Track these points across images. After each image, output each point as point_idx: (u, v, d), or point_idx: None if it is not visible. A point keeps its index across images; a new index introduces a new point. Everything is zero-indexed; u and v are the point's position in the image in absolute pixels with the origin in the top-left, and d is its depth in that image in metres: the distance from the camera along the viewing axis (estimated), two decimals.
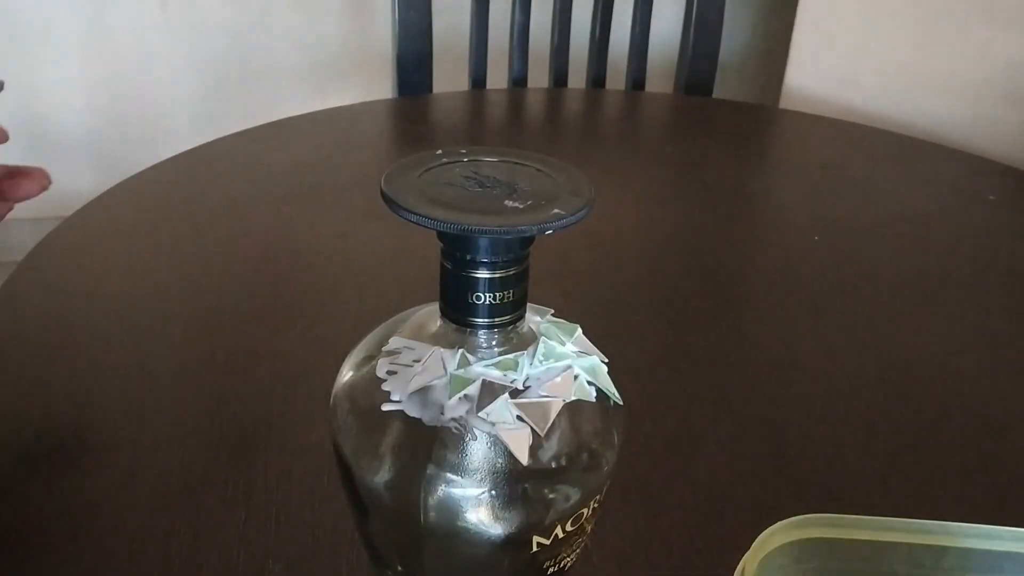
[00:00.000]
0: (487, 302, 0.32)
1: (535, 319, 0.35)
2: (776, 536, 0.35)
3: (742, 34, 1.71)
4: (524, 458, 0.32)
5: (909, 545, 0.36)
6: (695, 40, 1.18)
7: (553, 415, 0.32)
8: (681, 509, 0.49)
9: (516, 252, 0.32)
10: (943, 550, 0.36)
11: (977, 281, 0.75)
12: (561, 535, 0.34)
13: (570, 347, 0.34)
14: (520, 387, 0.32)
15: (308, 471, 0.50)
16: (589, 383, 0.34)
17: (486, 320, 0.33)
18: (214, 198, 0.82)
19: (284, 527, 0.46)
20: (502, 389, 0.32)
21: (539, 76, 1.22)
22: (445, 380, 0.32)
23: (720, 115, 1.14)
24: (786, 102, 1.28)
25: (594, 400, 0.34)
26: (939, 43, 1.13)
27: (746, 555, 0.33)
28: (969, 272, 0.77)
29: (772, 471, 0.52)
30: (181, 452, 0.51)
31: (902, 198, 0.90)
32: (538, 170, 0.34)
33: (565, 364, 0.33)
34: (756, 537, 0.34)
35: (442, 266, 0.33)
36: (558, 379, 0.33)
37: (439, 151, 0.35)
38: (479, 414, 0.32)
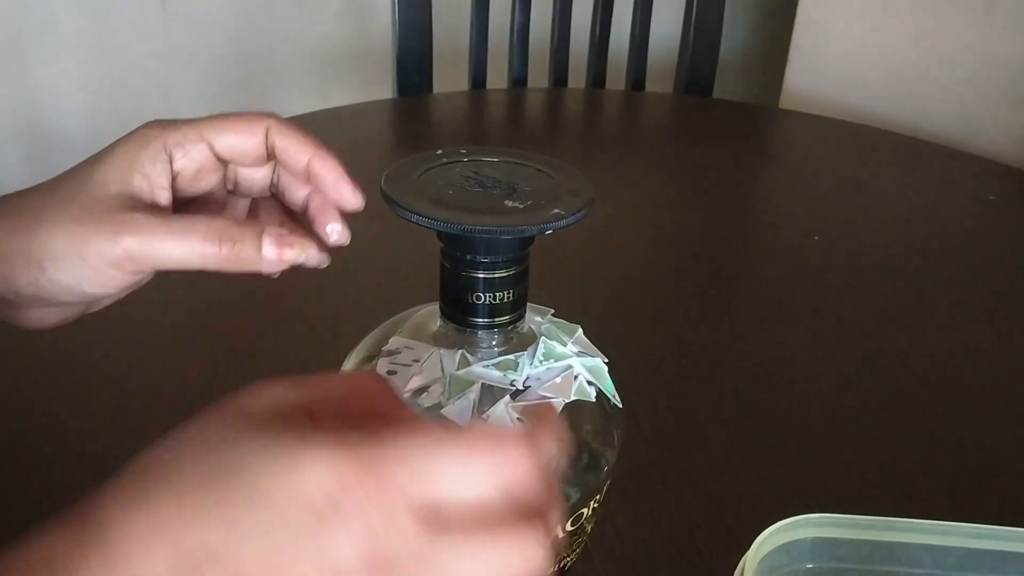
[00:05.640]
0: (487, 302, 0.32)
1: (536, 319, 0.35)
2: (776, 536, 0.35)
3: (742, 34, 1.71)
4: None
5: (909, 545, 0.36)
6: (695, 40, 1.18)
7: None
8: (681, 509, 0.49)
9: (515, 252, 0.32)
10: (943, 550, 0.36)
11: (977, 281, 0.75)
12: (560, 535, 0.34)
13: (571, 347, 0.34)
14: (520, 387, 0.32)
15: None
16: (589, 383, 0.34)
17: (486, 320, 0.33)
18: None
19: None
20: (502, 392, 0.32)
21: (539, 76, 1.22)
22: (445, 381, 0.32)
23: (720, 115, 1.14)
24: (786, 102, 1.28)
25: (594, 400, 0.34)
26: (939, 43, 1.13)
27: (746, 554, 0.33)
28: (969, 272, 0.76)
29: (772, 471, 0.52)
30: None
31: (902, 198, 0.90)
32: (538, 170, 0.34)
33: (565, 364, 0.33)
34: (756, 537, 0.34)
35: (442, 266, 0.33)
36: (558, 379, 0.33)
37: (439, 151, 0.35)
38: (479, 417, 0.32)
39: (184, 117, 0.38)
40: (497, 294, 0.32)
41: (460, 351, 0.33)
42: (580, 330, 0.36)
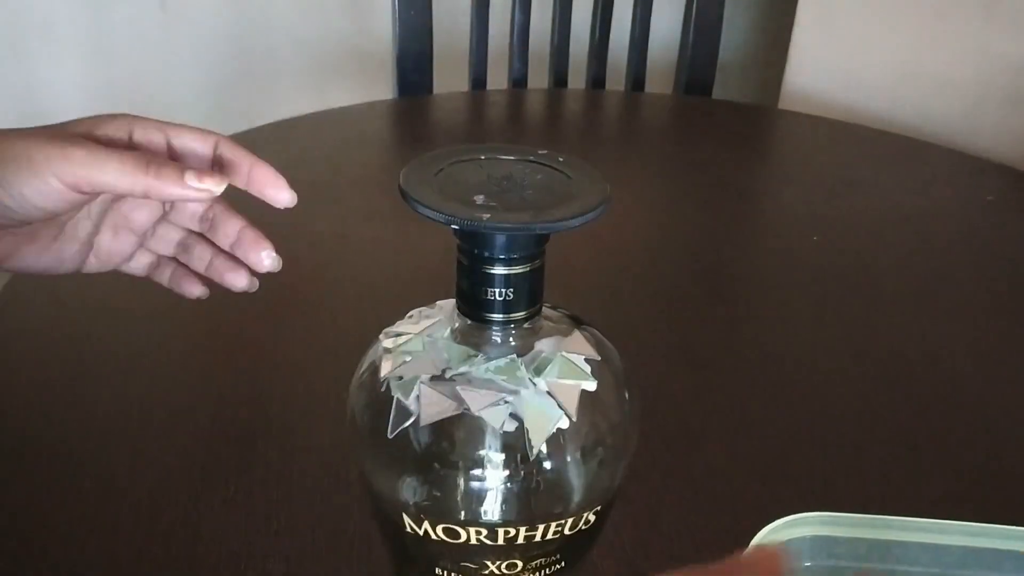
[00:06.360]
0: (491, 298, 0.32)
1: (556, 344, 0.34)
2: (774, 534, 0.35)
3: (741, 34, 1.71)
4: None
5: (907, 543, 0.36)
6: (695, 40, 1.18)
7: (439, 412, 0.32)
8: (680, 507, 0.49)
9: (524, 250, 0.32)
10: (941, 548, 0.36)
11: (976, 281, 0.75)
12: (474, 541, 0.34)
13: (540, 382, 0.33)
14: (447, 376, 0.33)
15: (308, 471, 0.50)
16: (512, 418, 0.32)
17: (495, 315, 0.33)
18: None
19: (284, 527, 0.46)
20: (430, 368, 0.33)
21: (539, 77, 1.22)
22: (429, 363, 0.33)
23: (720, 115, 1.15)
24: (785, 102, 1.28)
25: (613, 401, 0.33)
26: (939, 44, 1.13)
27: (744, 553, 0.33)
28: (968, 272, 0.77)
29: (771, 470, 0.52)
30: (182, 452, 0.51)
31: (901, 198, 0.90)
32: (555, 168, 0.34)
33: (512, 388, 0.32)
34: (755, 535, 0.34)
35: (457, 260, 0.33)
36: (482, 392, 0.32)
37: (458, 148, 0.35)
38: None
39: (183, 117, 0.43)
40: (500, 290, 0.32)
41: (447, 328, 0.34)
42: (583, 386, 0.33)
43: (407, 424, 0.32)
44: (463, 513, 0.33)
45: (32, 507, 0.47)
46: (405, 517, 0.34)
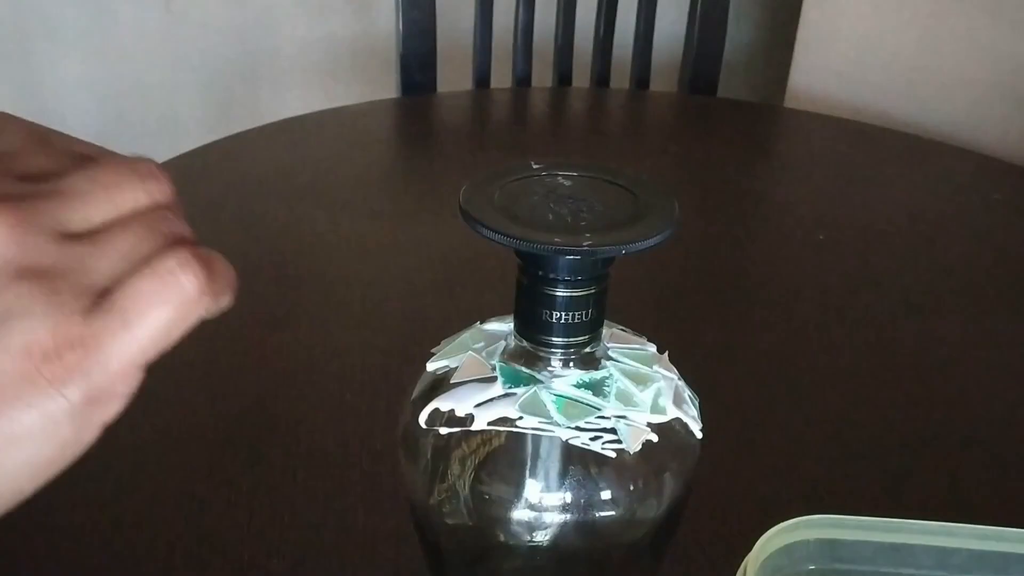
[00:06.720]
0: (552, 320, 0.32)
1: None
2: (778, 537, 0.35)
3: (746, 32, 1.70)
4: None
5: (912, 546, 0.36)
6: (699, 38, 1.17)
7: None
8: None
9: (588, 273, 0.31)
10: (948, 551, 0.36)
11: (982, 279, 0.75)
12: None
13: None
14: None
15: (312, 471, 0.50)
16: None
17: (561, 339, 0.32)
18: (218, 198, 0.82)
19: (288, 527, 0.46)
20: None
21: (543, 75, 1.22)
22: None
23: (724, 114, 1.14)
24: (791, 101, 1.27)
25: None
26: (945, 42, 1.12)
27: (748, 555, 0.33)
28: (975, 270, 0.76)
29: (775, 471, 0.52)
30: (185, 452, 0.51)
31: (907, 197, 0.90)
32: (619, 186, 0.33)
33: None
34: (758, 537, 0.34)
35: (518, 281, 0.32)
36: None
37: (520, 164, 0.34)
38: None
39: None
40: (559, 313, 0.32)
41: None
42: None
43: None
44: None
45: (32, 507, 0.47)
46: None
